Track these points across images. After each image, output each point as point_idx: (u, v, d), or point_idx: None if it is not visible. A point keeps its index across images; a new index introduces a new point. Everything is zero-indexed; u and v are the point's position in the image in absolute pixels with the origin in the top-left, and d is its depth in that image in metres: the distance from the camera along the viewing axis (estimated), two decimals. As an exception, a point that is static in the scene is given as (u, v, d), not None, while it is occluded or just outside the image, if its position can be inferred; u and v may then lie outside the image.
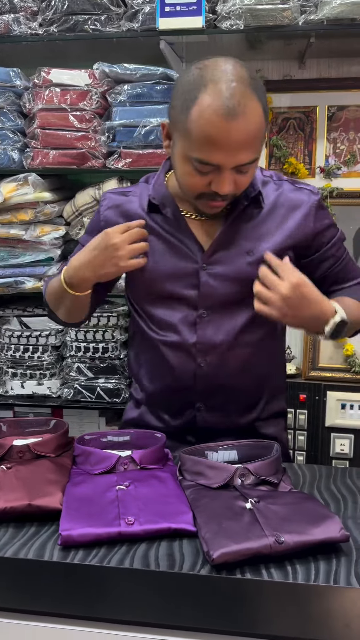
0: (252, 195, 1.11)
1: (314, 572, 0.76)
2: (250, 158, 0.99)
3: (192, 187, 1.03)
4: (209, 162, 0.98)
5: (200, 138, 0.96)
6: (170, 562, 0.78)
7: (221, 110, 0.93)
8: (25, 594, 0.80)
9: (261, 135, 0.99)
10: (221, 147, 0.95)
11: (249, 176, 1.04)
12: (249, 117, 0.94)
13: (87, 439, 1.10)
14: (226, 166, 0.98)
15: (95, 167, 1.86)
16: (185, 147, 1.00)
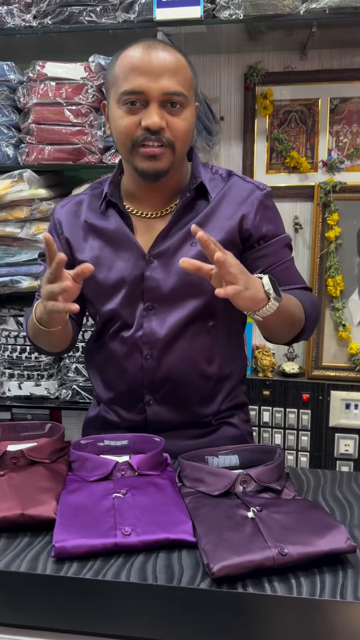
0: (194, 186, 1.13)
1: (320, 585, 0.72)
2: (174, 87, 1.02)
3: (125, 131, 1.04)
4: (134, 89, 1.02)
5: (124, 71, 1.03)
6: (169, 575, 0.74)
7: (141, 45, 1.04)
8: (18, 608, 0.77)
9: (187, 74, 1.05)
10: (143, 71, 1.01)
11: (182, 121, 1.05)
12: (169, 50, 1.04)
13: (83, 444, 1.06)
14: (151, 93, 1.01)
15: (91, 163, 1.82)
16: (114, 94, 1.05)
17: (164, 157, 1.05)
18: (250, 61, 2.16)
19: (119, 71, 1.05)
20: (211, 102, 2.14)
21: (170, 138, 1.04)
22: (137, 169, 1.08)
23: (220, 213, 1.13)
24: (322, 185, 2.13)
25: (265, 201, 1.16)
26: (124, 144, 1.06)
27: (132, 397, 1.20)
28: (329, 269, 2.16)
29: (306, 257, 2.27)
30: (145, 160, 1.05)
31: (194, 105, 1.09)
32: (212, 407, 1.21)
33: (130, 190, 1.17)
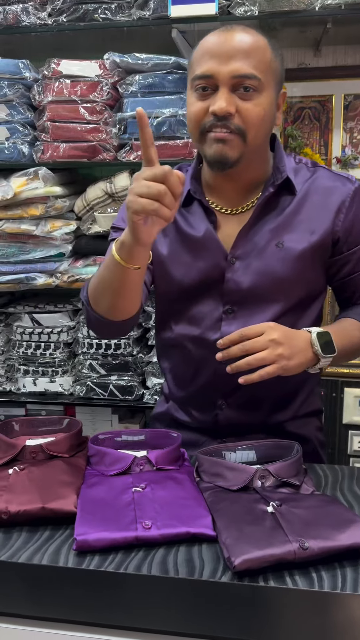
0: (279, 181, 1.06)
1: (341, 579, 0.72)
2: (245, 69, 0.95)
3: (194, 118, 1.00)
4: (203, 74, 0.97)
5: (198, 55, 0.99)
6: (190, 569, 0.75)
7: (220, 29, 0.99)
8: (40, 600, 0.78)
9: (264, 56, 0.97)
10: (214, 54, 0.96)
11: (255, 107, 0.97)
12: (247, 31, 0.98)
13: (101, 439, 1.07)
14: (219, 76, 0.96)
15: (106, 160, 1.83)
16: (190, 79, 1.02)
17: (233, 144, 0.98)
18: (263, 58, 2.16)
19: (194, 57, 1.01)
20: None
21: (240, 125, 0.97)
22: (206, 158, 1.02)
23: (309, 210, 1.06)
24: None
25: (357, 197, 1.07)
26: (193, 131, 1.01)
27: (205, 400, 1.16)
28: (343, 266, 2.15)
29: (320, 254, 2.26)
30: (213, 144, 0.98)
31: (273, 90, 1.00)
32: (286, 414, 1.16)
33: (209, 182, 1.11)
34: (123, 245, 0.93)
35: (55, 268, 1.92)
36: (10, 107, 1.83)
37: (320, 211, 1.06)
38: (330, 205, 1.06)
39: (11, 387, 2.09)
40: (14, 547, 0.80)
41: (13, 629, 0.79)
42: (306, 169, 1.09)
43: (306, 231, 1.06)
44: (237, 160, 1.00)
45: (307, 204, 1.07)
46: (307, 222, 1.06)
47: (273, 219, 1.07)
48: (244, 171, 1.04)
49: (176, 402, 1.23)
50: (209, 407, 1.16)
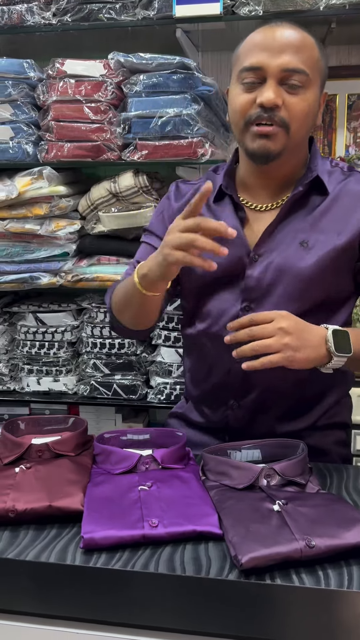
0: (309, 179, 1.06)
1: (347, 577, 0.73)
2: (295, 64, 0.96)
3: (239, 109, 1.00)
4: (252, 65, 0.98)
5: (246, 49, 1.00)
6: (197, 567, 0.75)
7: (268, 24, 1.01)
8: (47, 598, 0.78)
9: (312, 53, 0.99)
10: (264, 47, 0.97)
11: (302, 101, 0.98)
12: (296, 29, 1.00)
13: (106, 438, 1.07)
14: (269, 68, 0.97)
15: (110, 160, 1.83)
16: (235, 73, 1.02)
17: (277, 138, 0.99)
18: (267, 57, 2.16)
19: (241, 51, 1.02)
20: (228, 98, 2.14)
21: (286, 118, 0.98)
22: (247, 151, 1.02)
23: (338, 212, 1.05)
24: None
25: None
26: (237, 123, 1.02)
27: (217, 399, 1.15)
28: (347, 265, 2.15)
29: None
30: (257, 139, 0.99)
31: (318, 88, 1.02)
32: (301, 423, 1.12)
33: (243, 179, 1.11)
34: (146, 277, 0.98)
35: (60, 267, 1.92)
36: (15, 106, 1.83)
37: (350, 214, 1.05)
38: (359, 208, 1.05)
39: (15, 386, 2.10)
40: (21, 545, 0.80)
41: (20, 626, 0.79)
42: (340, 172, 1.10)
43: (333, 233, 1.05)
44: (279, 153, 1.01)
45: (338, 205, 1.06)
46: (335, 224, 1.05)
47: (301, 217, 1.07)
48: (281, 167, 1.05)
49: (192, 401, 1.24)
50: (220, 406, 1.16)
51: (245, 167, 1.11)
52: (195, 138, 1.73)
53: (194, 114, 1.72)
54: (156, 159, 1.78)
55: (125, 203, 1.87)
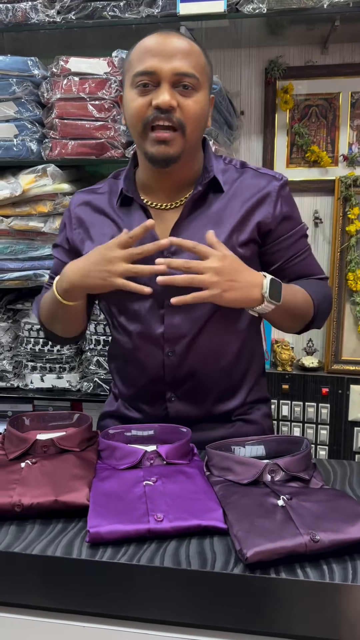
0: (206, 180, 1.11)
1: (352, 571, 0.73)
2: (186, 68, 1.02)
3: (136, 112, 1.04)
4: (145, 70, 1.02)
5: (137, 55, 1.04)
6: (202, 561, 0.75)
7: (156, 33, 1.05)
8: (54, 592, 0.79)
9: (200, 59, 1.05)
10: (155, 52, 1.02)
11: (194, 103, 1.04)
12: (184, 37, 1.05)
13: (111, 433, 1.08)
14: (162, 72, 1.01)
15: (114, 157, 1.83)
16: (129, 78, 1.06)
17: (175, 143, 1.04)
18: (271, 55, 2.16)
19: (133, 57, 1.06)
20: (232, 96, 2.15)
21: (181, 119, 1.03)
22: (147, 154, 1.06)
23: (235, 207, 1.12)
24: (342, 179, 2.13)
25: (283, 193, 1.14)
26: (135, 126, 1.06)
27: (153, 394, 1.20)
28: (350, 263, 2.15)
29: (326, 251, 2.26)
30: (155, 144, 1.04)
31: (207, 91, 1.08)
32: (234, 402, 1.22)
33: (143, 181, 1.16)
34: (67, 292, 1.08)
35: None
36: (19, 104, 1.84)
37: (247, 207, 1.12)
38: (257, 201, 1.12)
39: (19, 383, 2.11)
40: (27, 539, 0.81)
41: (27, 620, 0.80)
42: (234, 170, 1.16)
43: (233, 223, 1.11)
44: (178, 156, 1.06)
45: (235, 201, 1.12)
46: (235, 215, 1.11)
47: (203, 215, 1.12)
48: (179, 169, 1.10)
49: (126, 400, 1.26)
50: (158, 400, 1.20)
51: (144, 170, 1.15)
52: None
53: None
54: (160, 156, 1.78)
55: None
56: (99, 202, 1.19)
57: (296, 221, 1.18)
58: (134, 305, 1.15)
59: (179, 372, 1.16)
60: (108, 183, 1.22)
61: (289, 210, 1.16)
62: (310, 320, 1.16)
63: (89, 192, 1.23)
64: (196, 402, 1.19)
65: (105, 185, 1.22)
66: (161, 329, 1.14)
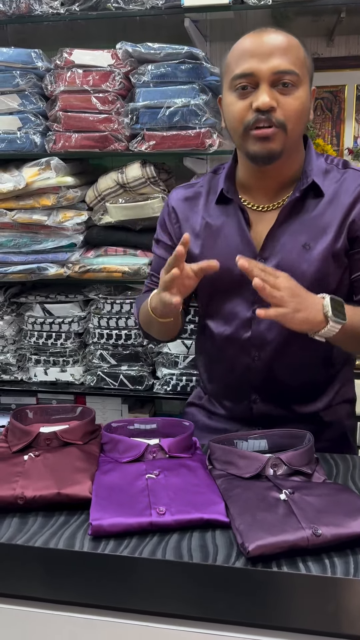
0: (304, 186, 1.09)
1: (353, 566, 0.73)
2: (285, 65, 1.00)
3: (237, 116, 1.03)
4: (243, 72, 1.01)
5: (235, 57, 1.03)
6: (204, 554, 0.76)
7: (253, 32, 1.04)
8: (56, 584, 0.79)
9: (299, 53, 1.03)
10: (253, 53, 1.01)
11: (295, 100, 1.02)
12: (280, 32, 1.03)
13: (114, 427, 1.08)
14: (260, 73, 1.00)
15: (118, 150, 1.83)
16: (227, 81, 1.05)
17: (276, 139, 1.02)
18: (276, 47, 2.14)
19: (231, 59, 1.05)
20: (236, 89, 2.14)
21: (282, 118, 1.01)
22: (249, 154, 1.05)
23: (335, 212, 1.09)
24: None
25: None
26: (236, 129, 1.05)
27: (238, 394, 1.20)
28: (354, 257, 2.15)
29: (330, 246, 2.25)
30: (257, 142, 1.03)
31: (308, 85, 1.06)
32: (319, 404, 1.20)
33: (243, 181, 1.15)
34: (156, 309, 1.08)
35: (67, 258, 1.92)
36: (23, 96, 1.83)
37: (345, 210, 1.09)
38: (353, 204, 1.09)
39: (22, 376, 2.11)
40: (30, 532, 0.81)
41: (29, 611, 0.80)
42: (336, 171, 1.13)
43: (332, 233, 1.09)
44: (281, 153, 1.05)
45: (334, 205, 1.10)
46: (334, 224, 1.09)
47: (301, 220, 1.10)
48: (281, 167, 1.08)
49: (211, 394, 1.27)
50: (243, 400, 1.20)
51: (244, 169, 1.14)
52: (203, 128, 1.73)
53: (202, 104, 1.72)
54: (164, 149, 1.78)
55: (133, 194, 1.87)
56: (195, 198, 1.20)
57: None
58: (225, 308, 1.16)
59: (265, 377, 1.16)
60: (207, 179, 1.21)
61: None
62: None
63: (186, 187, 1.23)
64: (280, 403, 1.19)
65: (204, 181, 1.21)
66: (248, 333, 1.14)
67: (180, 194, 1.22)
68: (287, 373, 1.15)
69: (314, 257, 1.09)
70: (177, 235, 1.20)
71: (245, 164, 1.12)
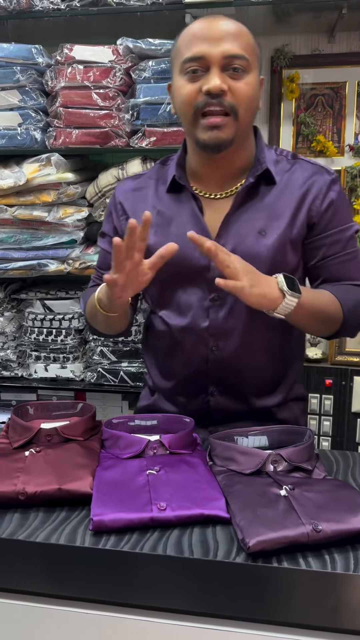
0: (259, 172, 1.10)
1: (353, 561, 0.74)
2: (235, 50, 1.00)
3: (186, 100, 1.02)
4: (194, 55, 1.00)
5: (186, 40, 1.02)
6: (205, 549, 0.76)
7: (203, 18, 1.04)
8: (58, 579, 0.79)
9: (249, 39, 1.03)
10: (203, 37, 1.00)
11: (245, 85, 1.02)
12: (229, 19, 1.03)
13: (115, 423, 1.08)
14: (211, 57, 0.99)
15: (119, 146, 1.83)
16: (177, 65, 1.04)
17: (227, 127, 1.02)
18: (277, 44, 2.14)
19: (181, 44, 1.04)
20: (237, 85, 2.13)
21: (233, 102, 1.00)
22: (199, 142, 1.04)
23: (287, 201, 1.10)
24: (348, 169, 2.12)
25: (334, 187, 1.11)
26: (186, 113, 1.04)
27: (195, 388, 1.18)
28: (354, 254, 2.14)
29: (331, 243, 2.25)
30: (207, 130, 1.02)
31: (257, 72, 1.05)
32: (275, 399, 1.20)
33: (194, 169, 1.13)
34: (102, 301, 1.05)
35: (67, 255, 1.92)
36: (23, 92, 1.83)
37: (298, 198, 1.10)
38: (307, 192, 1.10)
39: (23, 372, 2.11)
40: (31, 527, 0.82)
41: (30, 606, 0.80)
42: (286, 161, 1.14)
43: (286, 220, 1.10)
44: (231, 141, 1.04)
45: (287, 194, 1.11)
46: (287, 211, 1.10)
47: (254, 207, 1.10)
48: (231, 156, 1.08)
49: (163, 394, 1.25)
50: (200, 394, 1.19)
51: (195, 158, 1.12)
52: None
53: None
54: (164, 145, 1.77)
55: (133, 190, 1.86)
56: (144, 189, 1.17)
57: (344, 219, 1.13)
58: (180, 298, 1.14)
59: (223, 367, 1.15)
60: (155, 169, 1.20)
61: (338, 205, 1.12)
62: (341, 325, 1.12)
63: (134, 179, 1.21)
64: (238, 396, 1.18)
65: (152, 172, 1.20)
66: (206, 323, 1.12)
67: (127, 186, 1.20)
68: (245, 363, 1.14)
69: (270, 243, 1.09)
70: (124, 229, 1.14)
71: (195, 152, 1.10)
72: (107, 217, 1.23)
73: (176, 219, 1.13)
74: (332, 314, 1.09)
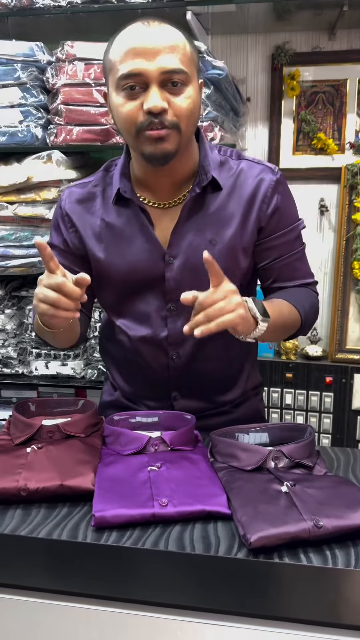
0: (204, 182, 1.08)
1: (354, 557, 0.74)
2: (173, 65, 0.95)
3: (128, 118, 0.98)
4: (131, 72, 0.95)
5: (119, 54, 0.97)
6: (206, 545, 0.76)
7: (135, 25, 0.98)
8: (59, 575, 0.80)
9: (185, 49, 0.98)
10: (138, 51, 0.95)
11: (186, 99, 0.98)
12: (165, 27, 0.97)
13: (116, 420, 1.09)
14: (149, 74, 0.95)
15: (119, 144, 1.83)
16: (113, 80, 0.99)
17: (170, 139, 0.99)
18: (277, 41, 2.14)
19: (114, 55, 0.99)
20: (238, 82, 2.13)
21: (174, 120, 0.98)
22: (144, 155, 1.01)
23: (234, 205, 1.09)
24: (349, 167, 2.12)
25: (279, 188, 1.11)
26: (129, 131, 1.00)
27: (158, 393, 1.20)
28: (355, 251, 2.15)
29: (332, 240, 2.25)
30: (152, 143, 0.99)
31: (197, 80, 1.02)
32: (235, 392, 1.24)
33: (139, 178, 1.11)
34: (43, 319, 0.99)
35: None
36: (24, 89, 1.83)
37: (245, 203, 1.09)
38: (254, 196, 1.09)
39: (23, 369, 2.12)
40: (33, 523, 0.82)
41: (33, 602, 0.81)
42: (231, 162, 1.12)
43: (235, 224, 1.09)
44: (175, 152, 1.01)
45: (234, 198, 1.09)
46: (236, 215, 1.09)
47: (203, 215, 1.09)
48: (176, 165, 1.05)
49: (127, 396, 1.26)
50: (163, 398, 1.20)
51: (139, 167, 1.09)
52: (204, 122, 1.73)
53: (204, 97, 1.71)
54: (165, 143, 1.77)
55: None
56: (90, 200, 1.14)
57: (291, 218, 1.14)
58: (137, 308, 1.14)
59: (184, 373, 1.17)
60: (100, 177, 1.16)
61: (284, 206, 1.12)
62: (297, 329, 1.15)
63: (80, 187, 1.16)
64: (200, 397, 1.21)
65: (97, 179, 1.16)
66: (165, 332, 1.13)
67: (73, 196, 1.15)
68: (206, 367, 1.16)
69: (220, 252, 1.08)
70: (74, 241, 1.14)
71: (139, 161, 1.07)
72: (55, 227, 1.18)
73: (126, 232, 1.11)
74: (292, 323, 1.11)
